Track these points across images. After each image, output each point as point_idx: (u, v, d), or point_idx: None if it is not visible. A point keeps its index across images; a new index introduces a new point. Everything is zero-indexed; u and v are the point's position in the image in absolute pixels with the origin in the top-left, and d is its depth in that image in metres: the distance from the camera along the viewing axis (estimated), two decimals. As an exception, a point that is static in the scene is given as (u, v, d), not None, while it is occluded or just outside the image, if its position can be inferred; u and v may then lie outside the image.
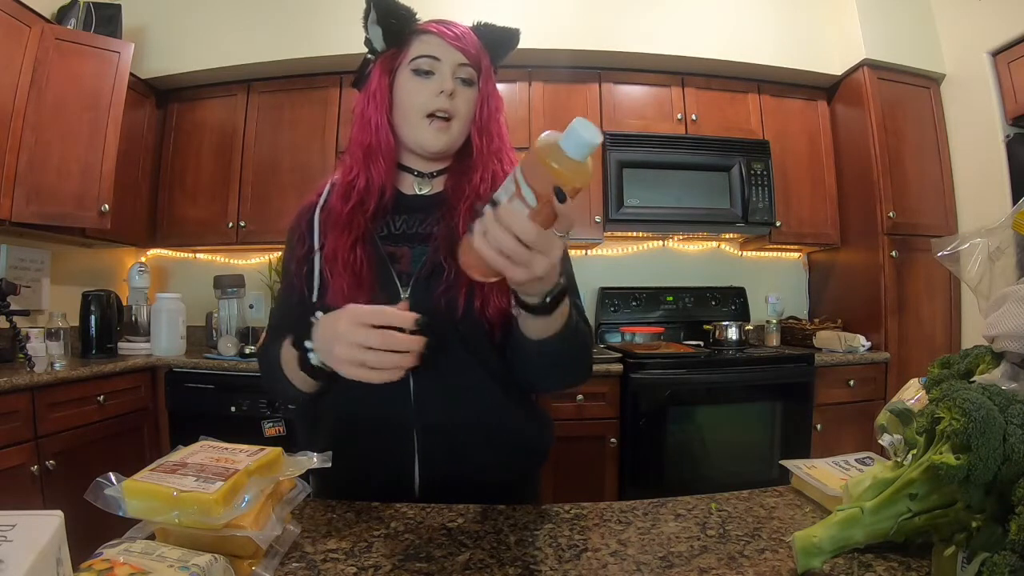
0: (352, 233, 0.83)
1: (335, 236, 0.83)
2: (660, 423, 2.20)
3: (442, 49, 0.84)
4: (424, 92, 0.84)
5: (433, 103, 0.83)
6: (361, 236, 0.83)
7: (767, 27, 2.65)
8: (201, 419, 2.21)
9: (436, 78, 0.84)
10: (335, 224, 0.84)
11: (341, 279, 0.81)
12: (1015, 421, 0.45)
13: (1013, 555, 0.41)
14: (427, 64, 0.84)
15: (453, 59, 0.84)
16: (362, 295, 0.79)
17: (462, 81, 0.85)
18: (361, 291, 0.80)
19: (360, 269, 0.81)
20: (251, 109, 2.70)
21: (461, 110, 0.85)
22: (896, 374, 2.43)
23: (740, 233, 2.78)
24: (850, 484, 0.58)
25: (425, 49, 0.85)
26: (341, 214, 0.84)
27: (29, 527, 0.40)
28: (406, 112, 0.85)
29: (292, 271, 0.89)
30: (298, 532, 0.65)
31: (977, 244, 0.61)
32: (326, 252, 0.84)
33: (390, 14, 0.86)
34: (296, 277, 0.88)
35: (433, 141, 0.85)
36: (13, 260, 2.32)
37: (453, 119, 0.85)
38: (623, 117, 2.62)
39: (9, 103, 2.03)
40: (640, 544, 0.63)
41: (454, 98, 0.84)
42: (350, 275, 0.81)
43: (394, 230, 0.87)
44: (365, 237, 0.84)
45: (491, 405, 0.84)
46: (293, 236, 0.91)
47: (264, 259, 2.88)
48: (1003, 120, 2.37)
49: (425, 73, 0.84)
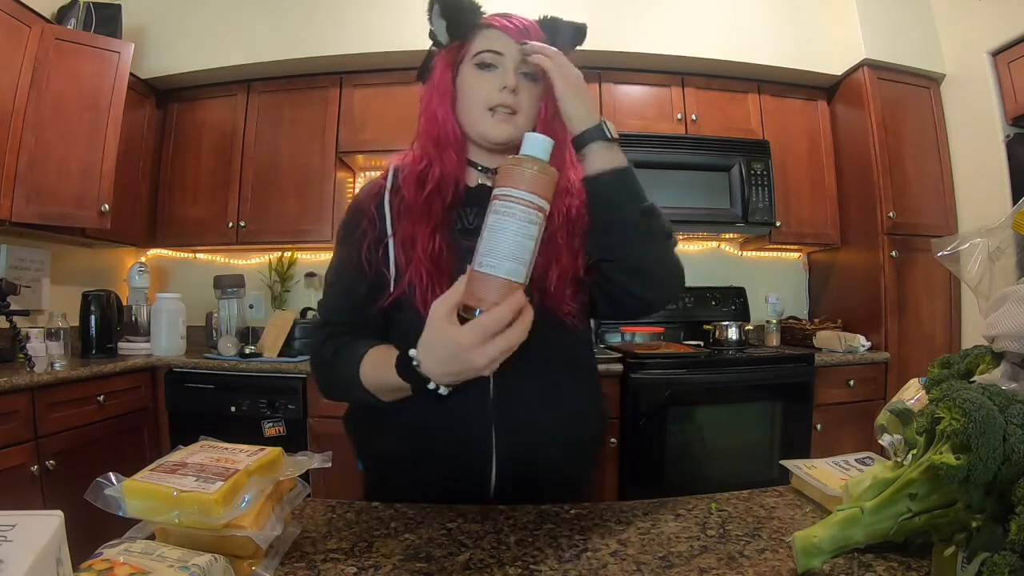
0: (431, 221, 0.81)
1: (412, 223, 0.81)
2: (660, 423, 2.20)
3: (505, 43, 0.83)
4: (486, 86, 0.83)
5: (495, 97, 0.82)
6: (439, 225, 0.81)
7: (767, 27, 2.65)
8: (201, 419, 2.21)
9: (499, 72, 0.83)
10: (411, 211, 0.82)
11: (421, 266, 0.78)
12: (1015, 421, 0.45)
13: (1013, 555, 0.41)
14: (490, 58, 0.83)
15: (517, 53, 0.83)
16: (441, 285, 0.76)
17: (526, 76, 0.84)
18: (442, 281, 0.77)
19: (439, 257, 0.79)
20: (251, 109, 2.70)
21: (525, 105, 0.84)
22: (896, 374, 2.43)
23: (740, 233, 2.78)
24: (850, 484, 0.58)
25: (488, 44, 0.84)
26: (417, 201, 0.82)
27: (29, 527, 0.40)
28: (468, 105, 0.85)
29: (358, 258, 0.84)
30: (298, 532, 0.65)
31: (977, 244, 0.61)
32: (402, 238, 0.81)
33: (456, 6, 0.85)
34: (367, 264, 0.84)
35: (496, 132, 0.83)
36: (13, 260, 2.32)
37: (518, 113, 0.83)
38: (623, 117, 2.62)
39: (9, 103, 2.03)
40: (640, 544, 0.63)
41: (517, 93, 0.82)
42: (430, 263, 0.78)
43: (468, 224, 0.85)
44: (444, 227, 0.82)
45: (565, 400, 0.84)
46: (361, 220, 0.86)
47: (264, 259, 2.88)
48: (1003, 120, 2.37)
49: (488, 67, 0.83)
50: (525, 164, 0.59)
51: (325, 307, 0.90)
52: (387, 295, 0.82)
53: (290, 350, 2.34)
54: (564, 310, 0.81)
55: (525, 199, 0.58)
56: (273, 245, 2.76)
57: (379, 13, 2.49)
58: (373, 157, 2.72)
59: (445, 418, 0.80)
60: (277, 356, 2.30)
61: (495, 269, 0.58)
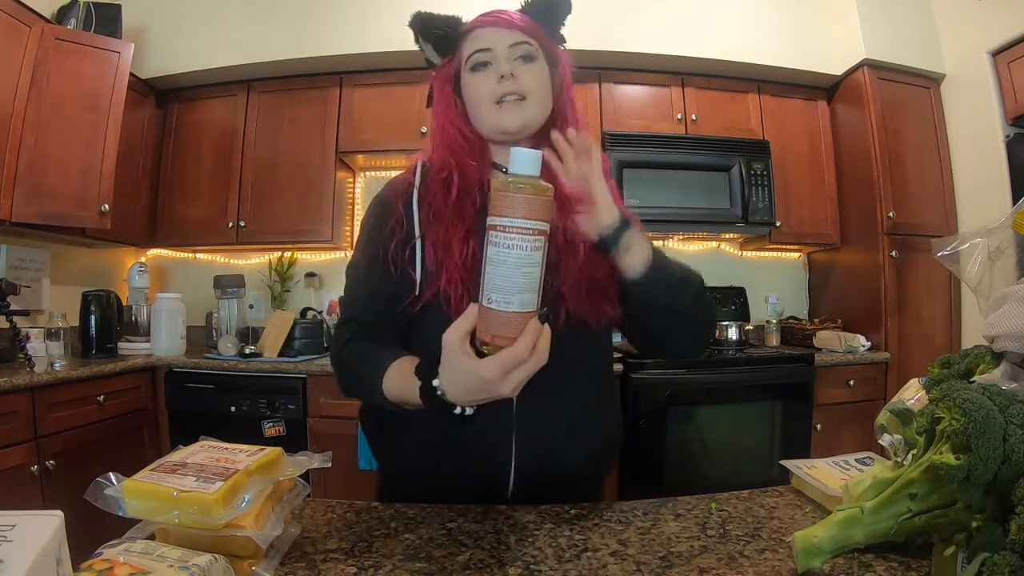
0: (464, 224, 0.79)
1: (445, 227, 0.80)
2: (660, 423, 2.20)
3: (490, 37, 0.83)
4: (486, 83, 0.83)
5: (497, 90, 0.82)
6: (473, 229, 0.79)
7: (767, 27, 2.65)
8: (201, 419, 2.21)
9: (493, 67, 0.83)
10: (442, 214, 0.81)
11: (456, 274, 0.77)
12: (1015, 421, 0.45)
13: (1013, 555, 0.41)
14: (481, 57, 0.83)
15: (504, 42, 0.83)
16: (474, 295, 0.76)
17: (522, 59, 0.83)
18: (475, 286, 0.77)
19: (473, 265, 0.76)
20: (251, 109, 2.70)
21: (530, 86, 0.82)
22: (896, 374, 2.43)
23: (740, 233, 2.78)
24: (850, 484, 0.58)
25: (475, 44, 0.84)
26: (447, 204, 0.81)
27: (29, 527, 0.40)
28: (477, 107, 0.84)
29: (384, 257, 0.83)
30: (298, 532, 0.65)
31: (977, 244, 0.61)
32: (434, 241, 0.80)
33: (434, 27, 0.86)
34: (393, 264, 0.82)
35: (508, 120, 0.82)
36: (13, 260, 2.32)
37: (526, 98, 0.82)
38: (623, 117, 2.62)
39: (9, 103, 2.03)
40: (640, 544, 0.63)
41: (517, 78, 0.81)
42: (464, 271, 0.77)
43: None
44: (477, 232, 0.78)
45: (584, 408, 0.84)
46: (388, 218, 0.85)
47: (264, 259, 2.88)
48: (1003, 120, 2.37)
49: (482, 66, 0.83)
50: (516, 187, 0.55)
51: (349, 305, 0.89)
52: (412, 298, 0.81)
53: (290, 350, 2.34)
54: (586, 318, 0.80)
55: (524, 227, 0.54)
56: (273, 245, 2.76)
57: (379, 13, 2.49)
58: (373, 157, 2.71)
59: (464, 427, 0.80)
60: (277, 356, 2.30)
61: (506, 305, 0.56)
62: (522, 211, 0.54)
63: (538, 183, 0.56)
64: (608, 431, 0.91)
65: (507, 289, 0.55)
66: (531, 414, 0.79)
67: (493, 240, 0.56)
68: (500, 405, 0.76)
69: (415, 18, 0.87)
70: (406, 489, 0.87)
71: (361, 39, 2.52)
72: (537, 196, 0.55)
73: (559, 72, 0.87)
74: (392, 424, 0.85)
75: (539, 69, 0.84)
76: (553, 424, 0.81)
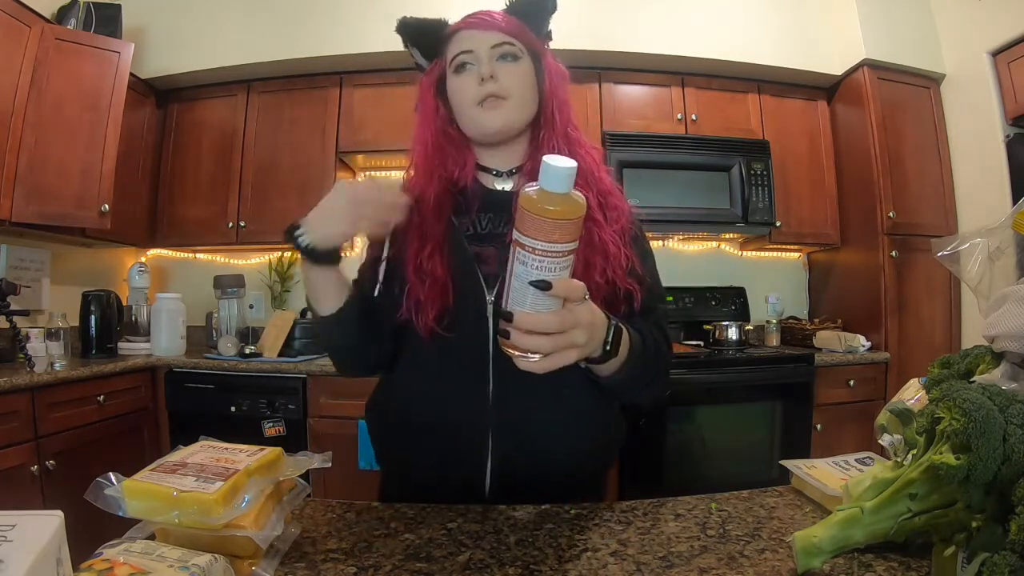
0: (431, 240, 0.81)
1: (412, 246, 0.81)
2: (660, 423, 2.20)
3: (472, 39, 0.83)
4: (469, 85, 0.83)
5: (479, 92, 0.82)
6: (443, 239, 0.81)
7: (767, 27, 2.65)
8: (201, 419, 2.21)
9: (474, 68, 0.83)
10: (408, 233, 0.82)
11: (418, 290, 0.79)
12: (1015, 421, 0.45)
13: (1013, 555, 0.41)
14: (463, 59, 0.83)
15: (486, 43, 0.83)
16: (445, 298, 0.78)
17: (503, 58, 0.83)
18: (444, 295, 0.79)
19: (441, 275, 0.79)
20: (251, 109, 2.70)
21: (510, 86, 0.82)
22: (896, 374, 2.43)
23: (740, 233, 2.78)
24: (850, 484, 0.58)
25: (458, 47, 0.84)
26: (411, 223, 0.82)
27: (29, 527, 0.40)
28: (461, 109, 0.85)
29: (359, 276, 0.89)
30: (298, 532, 0.65)
31: (977, 244, 0.61)
32: (398, 260, 0.82)
33: (419, 31, 0.87)
34: (362, 276, 0.88)
35: (488, 120, 0.83)
36: (13, 260, 2.32)
37: (507, 98, 0.82)
38: (623, 117, 2.62)
39: (9, 103, 2.03)
40: (640, 544, 0.63)
41: (498, 79, 0.81)
42: (431, 282, 0.79)
43: (480, 229, 0.85)
44: (449, 238, 0.82)
45: (569, 401, 0.83)
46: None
47: (264, 259, 2.88)
48: (1003, 120, 2.37)
49: (464, 67, 0.83)
50: (548, 211, 0.49)
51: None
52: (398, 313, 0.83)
53: (290, 350, 2.34)
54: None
55: (555, 251, 0.51)
56: (273, 245, 2.76)
57: (379, 13, 2.49)
58: (373, 157, 2.72)
59: (446, 420, 0.80)
60: (277, 356, 2.30)
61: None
62: (554, 235, 0.50)
63: (570, 201, 0.51)
64: (601, 426, 0.90)
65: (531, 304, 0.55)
66: (508, 407, 0.79)
67: (521, 259, 0.52)
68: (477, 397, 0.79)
69: (401, 23, 0.88)
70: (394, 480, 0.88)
71: (361, 39, 2.52)
72: (567, 220, 0.50)
73: (544, 70, 0.87)
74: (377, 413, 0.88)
75: (522, 69, 0.84)
76: (531, 417, 0.81)
